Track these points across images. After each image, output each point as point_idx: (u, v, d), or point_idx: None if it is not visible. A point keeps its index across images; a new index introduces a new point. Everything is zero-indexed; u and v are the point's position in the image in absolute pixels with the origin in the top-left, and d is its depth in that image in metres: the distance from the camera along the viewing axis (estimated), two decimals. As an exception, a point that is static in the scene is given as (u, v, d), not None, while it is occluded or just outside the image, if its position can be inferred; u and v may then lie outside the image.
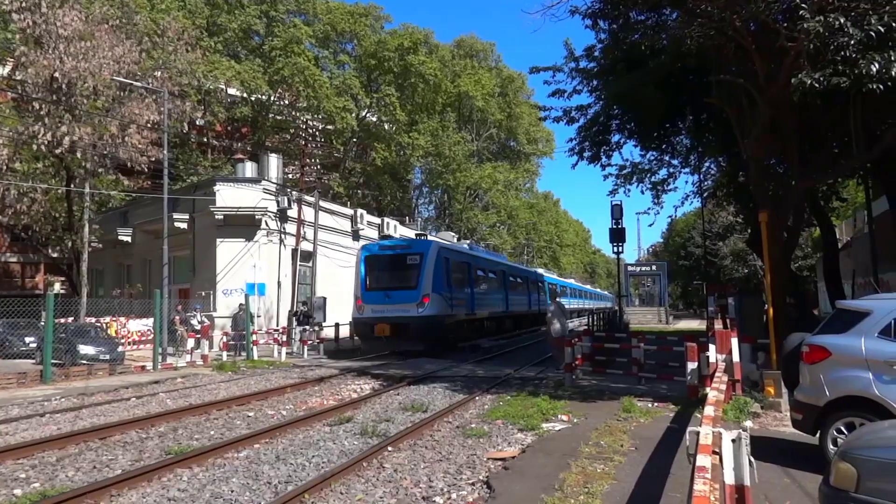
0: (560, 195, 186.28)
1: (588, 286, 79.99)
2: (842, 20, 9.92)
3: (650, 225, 75.11)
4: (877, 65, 9.76)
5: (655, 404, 11.65)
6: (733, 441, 4.57)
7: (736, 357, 11.57)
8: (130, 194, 29.31)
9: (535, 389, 13.58)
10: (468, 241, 38.57)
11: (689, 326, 42.96)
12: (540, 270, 46.30)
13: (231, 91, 38.03)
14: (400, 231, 40.32)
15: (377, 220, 38.57)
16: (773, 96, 12.58)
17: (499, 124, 63.13)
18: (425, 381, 15.44)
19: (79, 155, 23.01)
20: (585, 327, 26.81)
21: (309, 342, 23.52)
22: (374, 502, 6.79)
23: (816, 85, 10.26)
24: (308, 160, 30.08)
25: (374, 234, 37.48)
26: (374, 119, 46.21)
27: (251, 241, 27.27)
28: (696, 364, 11.78)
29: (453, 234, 56.04)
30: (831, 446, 7.20)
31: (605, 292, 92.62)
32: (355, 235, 35.24)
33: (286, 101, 40.20)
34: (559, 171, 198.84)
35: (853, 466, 4.54)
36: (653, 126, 18.83)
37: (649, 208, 22.27)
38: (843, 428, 7.27)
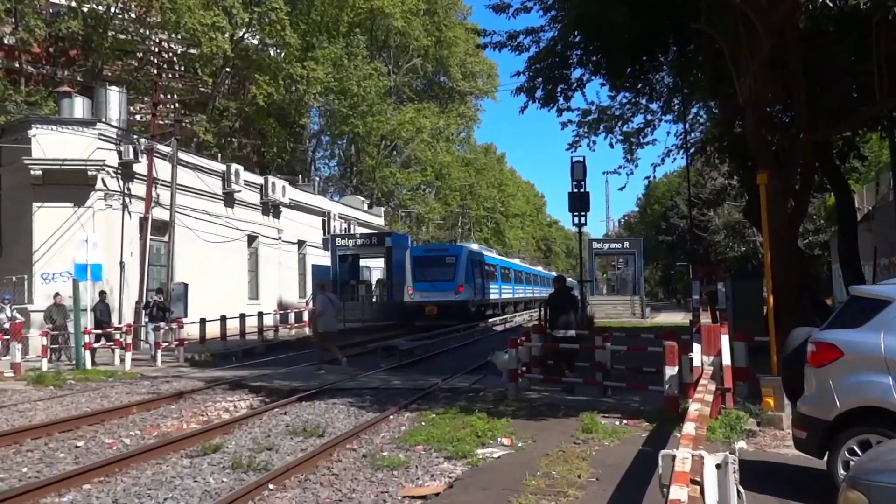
0: (505, 148, 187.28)
1: (540, 268, 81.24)
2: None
3: (621, 188, 76.11)
4: (907, -18, 10.10)
5: (624, 422, 11.90)
6: (718, 467, 4.68)
7: (727, 359, 11.91)
8: None
9: (468, 404, 13.67)
10: (479, 243, 56.00)
11: (670, 321, 43.96)
12: (516, 260, 63.64)
13: (53, -2, 36.57)
14: (290, 194, 39.87)
15: (259, 179, 38.04)
16: (777, 22, 12.93)
17: (424, 52, 62.91)
18: (322, 396, 15.42)
19: None
20: (536, 322, 27.18)
21: (164, 345, 23.11)
22: (248, 558, 6.72)
23: (830, 4, 10.56)
24: (163, 96, 29.31)
25: (254, 197, 36.96)
26: (255, 42, 45.31)
27: (82, 206, 26.49)
28: (676, 369, 12.05)
29: (363, 199, 55.97)
30: (842, 471, 7.47)
31: (549, 272, 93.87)
32: (228, 199, 34.65)
33: (132, 14, 38.90)
34: (505, 117, 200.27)
35: (864, 496, 4.68)
36: (625, 59, 19.07)
37: (620, 167, 22.46)
38: (856, 448, 7.53)
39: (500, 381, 15.51)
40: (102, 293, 24.02)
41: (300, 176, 50.09)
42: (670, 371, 12.02)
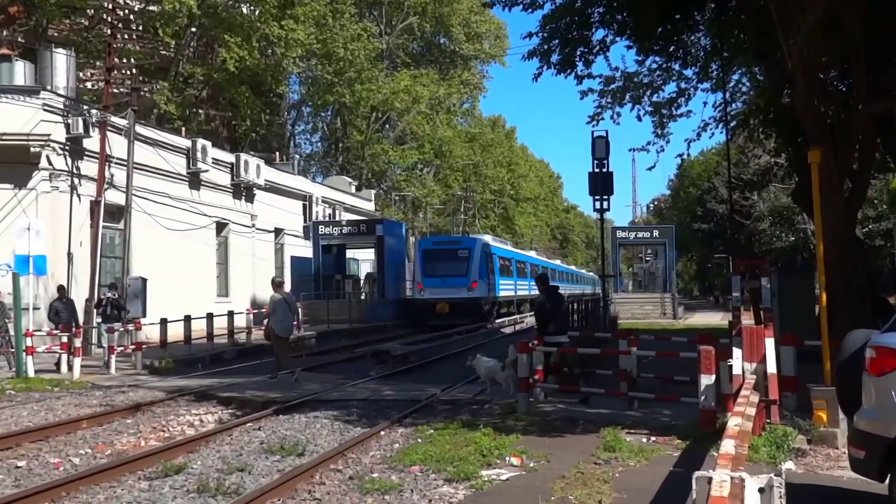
0: (516, 122, 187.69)
1: (558, 261, 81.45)
2: None
3: (650, 168, 75.70)
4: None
5: (653, 439, 11.95)
6: (761, 491, 4.68)
7: (772, 367, 11.90)
8: None
9: (471, 418, 13.72)
10: (491, 234, 60.20)
11: (707, 322, 44.11)
12: (531, 253, 68.05)
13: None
14: (265, 174, 39.85)
15: (229, 158, 38.03)
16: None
17: (422, 10, 62.86)
18: (302, 409, 15.42)
19: None
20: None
21: (119, 349, 23.12)
22: None
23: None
24: (118, 60, 29.22)
25: (224, 177, 36.96)
26: (225, -3, 45.24)
27: (24, 187, 26.53)
28: (713, 378, 12.04)
29: (350, 180, 56.00)
30: (905, 496, 7.47)
31: (583, 271, 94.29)
32: (194, 180, 34.64)
33: (81, -35, 38.85)
34: (515, 85, 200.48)
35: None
36: (655, 17, 19.07)
37: (649, 143, 22.45)
38: (923, 469, 7.53)
39: (508, 391, 15.66)
40: (62, 288, 24.10)
41: (277, 153, 50.05)
42: (706, 380, 12.02)
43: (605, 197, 27.99)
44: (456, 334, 31.45)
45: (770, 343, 12.05)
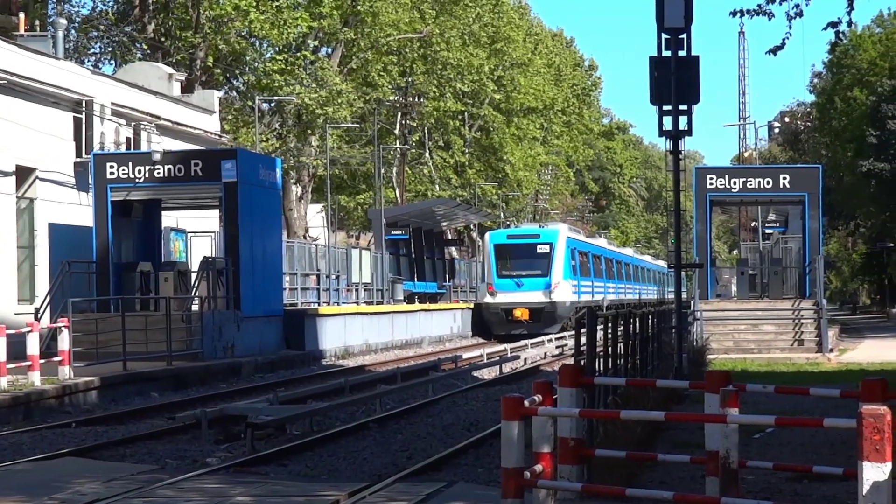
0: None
1: (630, 252, 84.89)
2: None
3: (773, 52, 75.18)
4: None
5: None
6: None
7: None
8: None
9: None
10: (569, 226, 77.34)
11: (883, 357, 44.58)
12: (607, 242, 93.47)
13: None
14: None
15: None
16: None
17: None
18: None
19: None
20: (575, 352, 27.34)
21: None
22: None
23: None
24: None
25: None
26: None
27: None
28: (887, 469, 11.32)
29: (171, 72, 55.88)
30: None
31: (644, 258, 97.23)
32: None
33: None
34: None
35: None
36: None
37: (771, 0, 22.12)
38: None
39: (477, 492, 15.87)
40: None
41: (22, 16, 50.36)
42: (873, 473, 11.21)
43: (685, 107, 28.01)
44: (382, 381, 31.66)
45: None
